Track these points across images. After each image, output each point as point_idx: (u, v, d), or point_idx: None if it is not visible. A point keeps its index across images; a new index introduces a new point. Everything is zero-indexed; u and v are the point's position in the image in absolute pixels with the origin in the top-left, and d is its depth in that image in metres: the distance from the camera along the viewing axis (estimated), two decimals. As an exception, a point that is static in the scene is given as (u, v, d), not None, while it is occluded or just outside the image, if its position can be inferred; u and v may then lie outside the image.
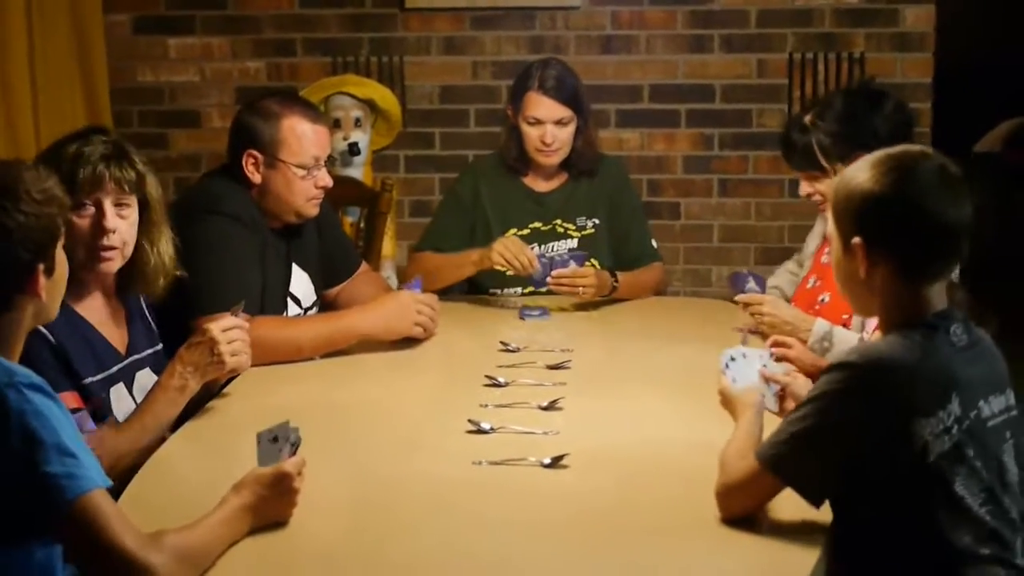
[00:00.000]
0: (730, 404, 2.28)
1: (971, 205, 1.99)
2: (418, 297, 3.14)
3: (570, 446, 2.36)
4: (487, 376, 2.83)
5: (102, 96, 4.58)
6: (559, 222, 3.71)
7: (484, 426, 2.50)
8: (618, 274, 3.60)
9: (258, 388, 2.79)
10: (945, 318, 1.99)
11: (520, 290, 3.70)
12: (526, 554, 1.98)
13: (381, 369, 3.04)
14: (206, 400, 2.67)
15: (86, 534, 1.77)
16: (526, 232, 3.69)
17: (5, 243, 1.89)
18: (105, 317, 2.61)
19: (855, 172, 2.01)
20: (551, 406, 2.63)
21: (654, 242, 3.83)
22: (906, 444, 1.90)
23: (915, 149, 2.05)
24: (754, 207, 4.86)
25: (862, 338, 2.60)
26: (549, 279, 3.45)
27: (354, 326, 3.08)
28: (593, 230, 3.72)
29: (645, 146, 4.84)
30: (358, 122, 4.48)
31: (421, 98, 4.87)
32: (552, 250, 3.62)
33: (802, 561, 1.91)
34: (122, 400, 2.55)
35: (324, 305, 3.39)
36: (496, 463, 2.32)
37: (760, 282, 3.15)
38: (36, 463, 1.77)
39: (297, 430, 2.11)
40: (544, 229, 3.68)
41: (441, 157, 4.89)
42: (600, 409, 2.70)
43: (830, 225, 2.06)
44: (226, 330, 2.57)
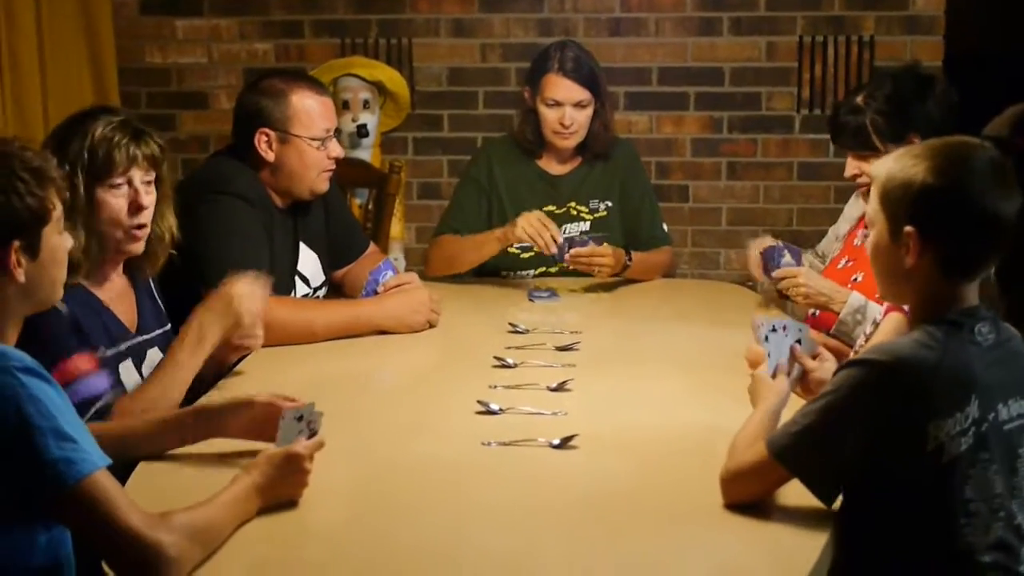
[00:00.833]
0: (757, 388, 2.22)
1: (1020, 198, 1.97)
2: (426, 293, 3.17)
3: (579, 427, 2.36)
4: (496, 357, 2.83)
5: (110, 77, 4.57)
6: (573, 204, 3.71)
7: (493, 407, 2.50)
8: (632, 252, 3.60)
9: (270, 367, 2.79)
10: (972, 316, 1.97)
11: (532, 272, 3.70)
12: (534, 534, 1.98)
13: (391, 350, 3.04)
14: (218, 379, 2.68)
15: (92, 516, 1.76)
16: None
17: None
18: (115, 295, 2.61)
19: (911, 161, 1.97)
20: (560, 387, 2.64)
21: (665, 226, 3.83)
22: (921, 445, 1.88)
23: (970, 140, 2.03)
24: (763, 190, 4.85)
25: (876, 321, 2.58)
26: (567, 257, 3.45)
27: (370, 317, 3.10)
28: (606, 213, 3.73)
29: (654, 129, 4.83)
30: (366, 104, 4.48)
31: (429, 80, 4.86)
32: (566, 232, 3.62)
33: (812, 545, 1.90)
34: (131, 377, 2.55)
35: (332, 285, 3.40)
36: (505, 444, 2.32)
37: (796, 254, 3.13)
38: (34, 449, 1.74)
39: (321, 415, 2.11)
40: (558, 212, 3.68)
41: (449, 139, 4.88)
42: (609, 390, 2.70)
43: (872, 210, 2.03)
44: (244, 292, 2.60)
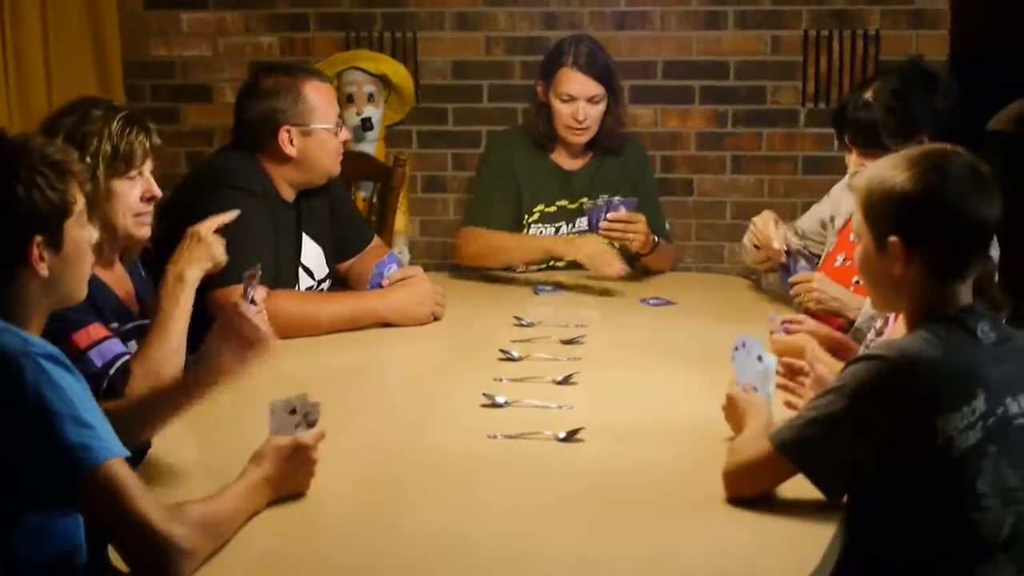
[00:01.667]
0: (737, 407, 2.20)
1: (1000, 201, 1.99)
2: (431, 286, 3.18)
3: (585, 420, 2.37)
4: (502, 350, 2.84)
5: (115, 70, 4.57)
6: (585, 200, 3.71)
7: (499, 400, 2.50)
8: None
9: (274, 360, 2.77)
10: (971, 314, 1.98)
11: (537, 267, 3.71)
12: (540, 526, 1.99)
13: (396, 342, 3.05)
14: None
15: (107, 504, 1.77)
16: (553, 209, 3.70)
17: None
18: (116, 279, 2.66)
19: (891, 172, 1.99)
20: (566, 380, 2.64)
21: (667, 224, 3.84)
22: (930, 439, 1.89)
23: (945, 148, 2.04)
24: (767, 184, 4.83)
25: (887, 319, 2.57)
26: (603, 223, 3.45)
27: (374, 309, 3.11)
28: (616, 208, 3.73)
29: (659, 123, 4.81)
30: (371, 97, 4.48)
31: (434, 73, 4.85)
32: (576, 226, 3.61)
33: (820, 538, 1.90)
34: None
35: (336, 278, 3.40)
36: (511, 436, 2.32)
37: (811, 261, 3.18)
38: (52, 434, 1.76)
39: (318, 405, 2.11)
40: (571, 207, 3.69)
41: (454, 133, 4.87)
42: (614, 384, 2.70)
43: (856, 223, 2.05)
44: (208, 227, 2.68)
